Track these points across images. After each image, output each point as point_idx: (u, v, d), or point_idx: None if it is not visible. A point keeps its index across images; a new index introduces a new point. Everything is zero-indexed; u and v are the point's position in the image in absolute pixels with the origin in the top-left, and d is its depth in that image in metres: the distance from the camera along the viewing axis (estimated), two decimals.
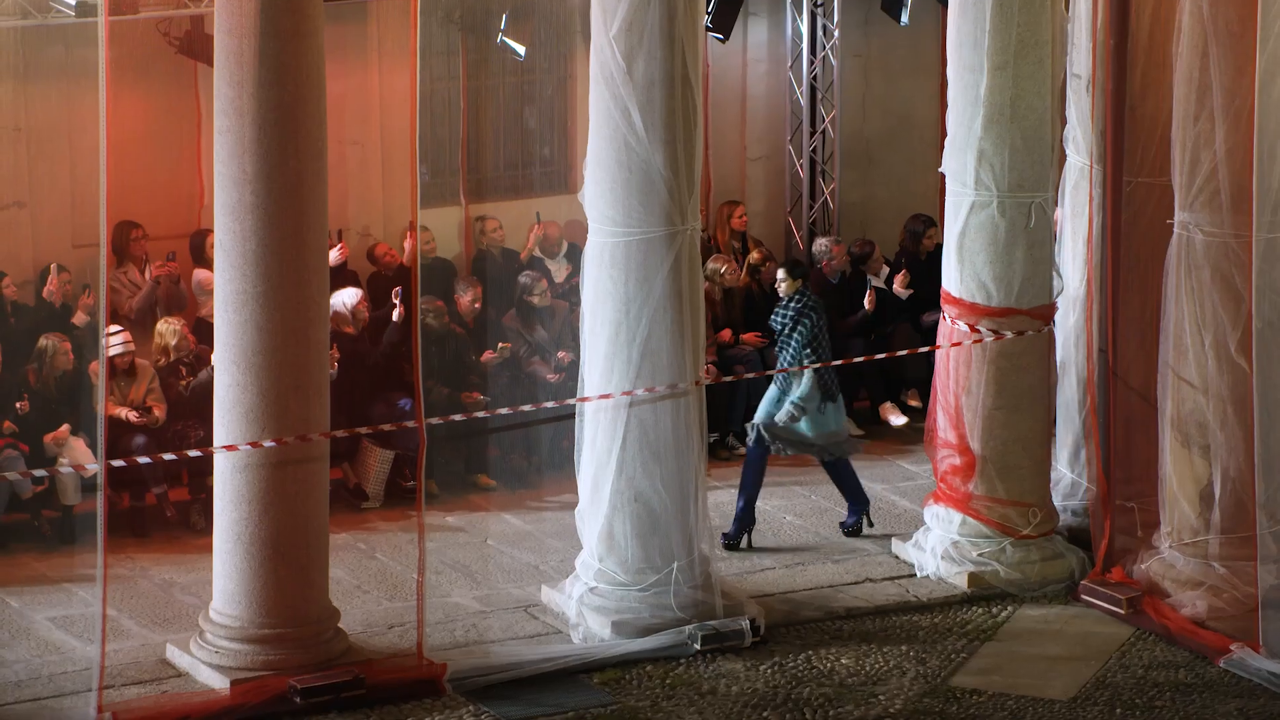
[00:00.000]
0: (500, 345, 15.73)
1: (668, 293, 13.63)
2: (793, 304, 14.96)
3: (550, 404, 14.88)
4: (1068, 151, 15.34)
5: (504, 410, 14.72)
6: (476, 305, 16.30)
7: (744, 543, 15.19)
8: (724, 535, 15.09)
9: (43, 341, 15.09)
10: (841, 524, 15.48)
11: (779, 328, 15.05)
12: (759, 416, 15.11)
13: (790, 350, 14.93)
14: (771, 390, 15.13)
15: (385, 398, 15.59)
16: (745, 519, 15.19)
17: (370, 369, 15.71)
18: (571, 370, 15.13)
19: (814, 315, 14.92)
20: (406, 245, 16.27)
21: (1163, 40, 14.56)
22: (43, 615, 13.92)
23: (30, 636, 13.72)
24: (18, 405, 14.90)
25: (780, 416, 14.90)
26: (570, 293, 16.50)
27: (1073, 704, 13.34)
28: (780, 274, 15.33)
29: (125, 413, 15.03)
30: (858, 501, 15.44)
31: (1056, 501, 15.21)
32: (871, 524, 15.47)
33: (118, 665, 13.16)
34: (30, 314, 15.69)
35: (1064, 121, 15.13)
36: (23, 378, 15.12)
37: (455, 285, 16.45)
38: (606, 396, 13.72)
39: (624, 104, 13.47)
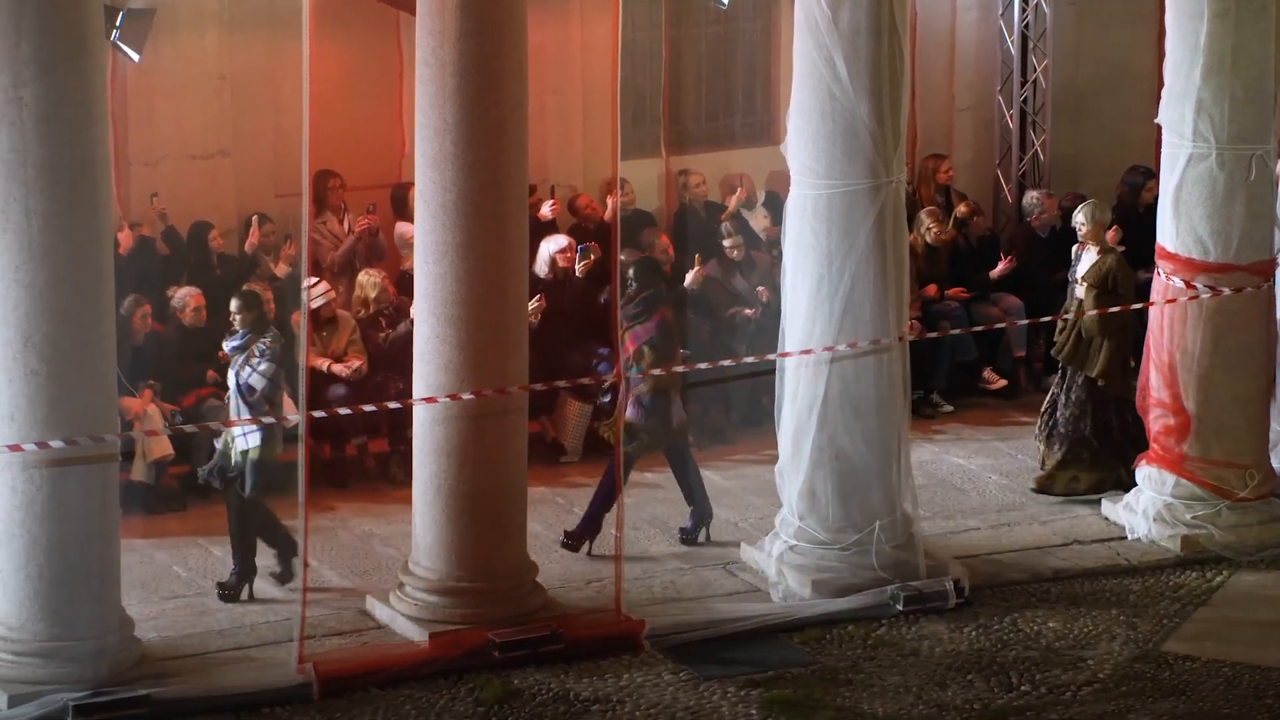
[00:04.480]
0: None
1: (871, 246, 13.40)
2: None
3: (750, 359, 14.70)
4: None
5: (703, 365, 14.57)
6: (669, 252, 16.17)
7: None
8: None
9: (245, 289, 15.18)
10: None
11: None
12: None
13: None
14: None
15: (582, 348, 15.52)
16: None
17: (569, 318, 15.64)
18: (770, 316, 14.90)
19: None
20: (610, 201, 16.15)
21: None
22: None
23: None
24: (220, 354, 14.99)
25: None
26: (771, 245, 16.30)
27: None
28: None
29: (326, 364, 15.08)
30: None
31: (1275, 463, 14.86)
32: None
33: (318, 616, 13.21)
34: (234, 264, 15.78)
35: None
36: (227, 327, 15.19)
37: (643, 234, 16.31)
38: (808, 352, 13.53)
39: (828, 53, 13.23)
